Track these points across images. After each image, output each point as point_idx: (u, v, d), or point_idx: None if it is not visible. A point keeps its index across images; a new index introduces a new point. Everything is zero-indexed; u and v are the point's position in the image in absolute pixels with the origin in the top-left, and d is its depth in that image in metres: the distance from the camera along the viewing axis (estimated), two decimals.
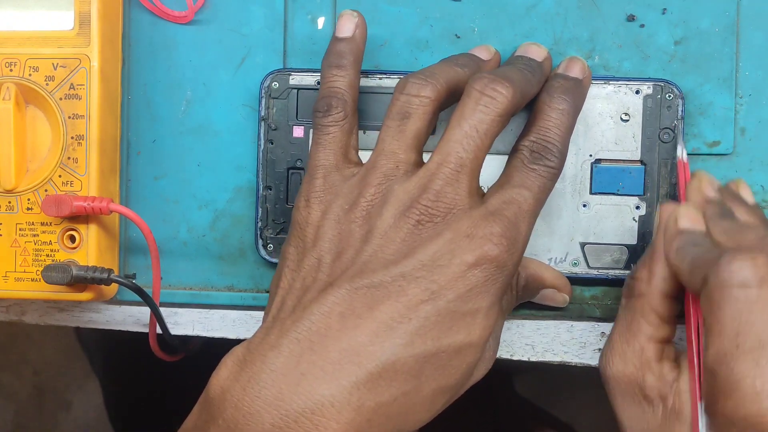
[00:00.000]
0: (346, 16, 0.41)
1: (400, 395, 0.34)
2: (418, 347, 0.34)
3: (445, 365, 0.35)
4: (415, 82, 0.38)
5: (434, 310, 0.34)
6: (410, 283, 0.35)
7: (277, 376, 0.34)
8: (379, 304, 0.34)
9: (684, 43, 0.43)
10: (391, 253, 0.35)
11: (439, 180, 0.36)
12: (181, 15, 0.45)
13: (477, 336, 0.35)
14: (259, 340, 0.35)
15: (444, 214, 0.36)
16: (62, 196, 0.41)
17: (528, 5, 0.43)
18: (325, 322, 0.34)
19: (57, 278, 0.40)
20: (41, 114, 0.43)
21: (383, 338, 0.34)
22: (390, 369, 0.34)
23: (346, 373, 0.33)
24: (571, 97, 0.38)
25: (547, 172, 0.37)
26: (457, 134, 0.36)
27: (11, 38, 0.42)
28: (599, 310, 0.44)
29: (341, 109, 0.39)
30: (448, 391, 0.36)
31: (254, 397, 0.34)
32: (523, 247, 0.36)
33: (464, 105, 0.36)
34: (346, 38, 0.40)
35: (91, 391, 1.09)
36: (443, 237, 0.35)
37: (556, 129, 0.37)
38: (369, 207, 0.37)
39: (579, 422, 0.94)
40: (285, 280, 0.38)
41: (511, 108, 0.36)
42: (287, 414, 0.33)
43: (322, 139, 0.39)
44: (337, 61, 0.40)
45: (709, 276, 0.33)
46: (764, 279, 0.32)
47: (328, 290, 0.35)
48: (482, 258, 0.35)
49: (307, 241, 0.38)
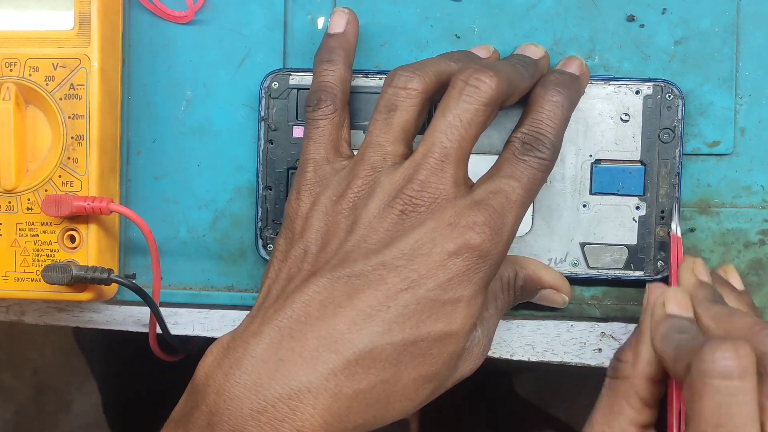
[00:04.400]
0: (338, 13, 0.42)
1: (379, 383, 0.34)
2: (396, 335, 0.34)
3: (424, 354, 0.35)
4: (403, 75, 0.38)
5: (413, 298, 0.35)
6: (390, 272, 0.35)
7: (257, 362, 0.34)
8: (358, 293, 0.35)
9: (684, 43, 0.43)
10: (373, 242, 0.36)
11: (424, 170, 0.36)
12: (181, 15, 0.45)
13: (458, 325, 0.35)
14: (243, 328, 0.36)
15: (428, 204, 0.36)
16: (62, 196, 0.41)
17: (528, 5, 0.43)
18: (306, 310, 0.35)
19: (57, 278, 0.41)
20: (41, 114, 0.43)
21: (361, 326, 0.34)
22: (367, 356, 0.34)
23: (324, 360, 0.34)
24: (566, 90, 0.38)
25: (538, 163, 0.37)
26: (441, 124, 0.36)
27: (11, 38, 0.42)
28: (599, 310, 0.44)
29: (330, 103, 0.40)
30: (430, 381, 0.36)
31: (235, 382, 0.34)
32: (508, 237, 0.36)
33: (449, 95, 0.37)
34: (337, 34, 0.41)
35: (91, 391, 1.09)
36: (426, 226, 0.35)
37: (549, 121, 0.37)
38: (356, 198, 0.37)
39: (579, 422, 0.93)
40: (273, 270, 0.38)
41: (496, 97, 0.36)
42: (265, 399, 0.34)
43: (312, 133, 0.40)
44: (328, 56, 0.41)
45: (692, 364, 0.32)
46: (746, 370, 0.31)
47: (310, 279, 0.36)
48: (463, 246, 0.35)
49: (296, 232, 0.38)
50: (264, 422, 0.33)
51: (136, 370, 0.80)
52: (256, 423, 0.33)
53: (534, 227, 0.43)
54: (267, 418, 0.33)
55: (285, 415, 0.33)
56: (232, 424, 0.34)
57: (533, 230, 0.43)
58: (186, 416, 0.35)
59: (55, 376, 1.12)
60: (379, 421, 0.36)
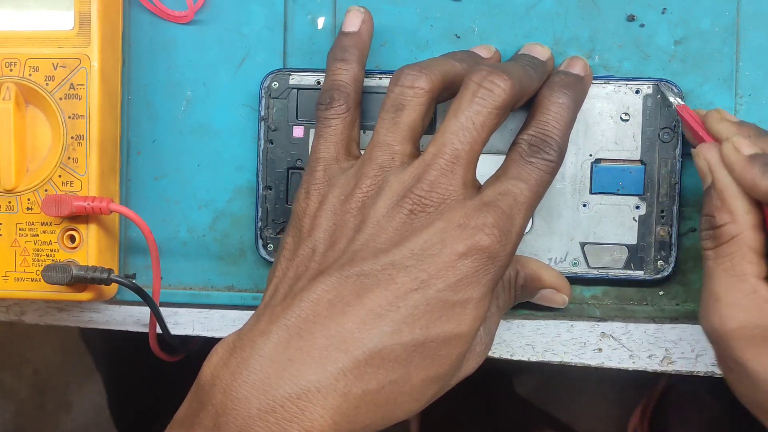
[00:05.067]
0: (353, 12, 0.42)
1: (388, 383, 0.34)
2: (405, 335, 0.34)
3: (433, 355, 0.35)
4: (410, 74, 0.38)
5: (423, 298, 0.34)
6: (399, 272, 0.35)
7: (265, 361, 0.34)
8: (368, 292, 0.35)
9: (684, 43, 0.43)
10: (382, 241, 0.36)
11: (434, 170, 0.36)
12: (181, 15, 0.45)
13: (467, 326, 0.35)
14: (249, 327, 0.36)
15: (437, 204, 0.36)
16: (62, 196, 0.41)
17: (528, 5, 0.43)
18: (314, 309, 0.35)
19: (57, 278, 0.40)
20: (41, 114, 0.43)
21: (371, 326, 0.34)
22: (377, 356, 0.34)
23: (333, 360, 0.34)
24: (572, 92, 0.38)
25: (545, 165, 0.37)
26: (453, 125, 0.36)
27: (11, 38, 0.42)
28: (599, 310, 0.44)
29: (343, 102, 0.40)
30: (437, 381, 0.36)
31: (242, 382, 0.34)
32: (516, 239, 0.36)
33: (462, 97, 0.37)
34: (352, 33, 0.41)
35: (91, 391, 1.09)
36: (435, 226, 0.35)
37: (555, 122, 0.37)
38: (364, 198, 0.37)
39: (579, 422, 0.94)
40: (280, 269, 0.38)
41: (509, 101, 0.36)
42: (274, 399, 0.33)
43: (323, 132, 0.40)
44: (342, 55, 0.41)
45: None
46: None
47: (318, 278, 0.35)
48: (473, 248, 0.35)
49: (303, 231, 0.38)
50: (272, 422, 0.33)
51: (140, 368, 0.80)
52: (264, 423, 0.33)
53: (534, 227, 0.43)
54: (275, 418, 0.33)
55: (294, 415, 0.33)
56: (240, 424, 0.33)
57: (533, 230, 0.43)
58: (190, 418, 0.35)
59: (55, 376, 1.12)
60: (386, 422, 0.35)
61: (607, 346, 0.44)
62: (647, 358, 0.43)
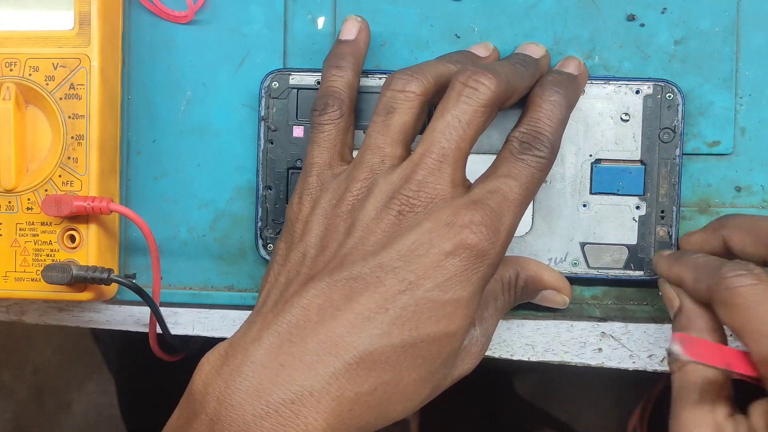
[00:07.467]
0: (350, 20, 0.42)
1: (380, 385, 0.34)
2: (395, 337, 0.34)
3: (424, 355, 0.35)
4: (401, 78, 0.38)
5: (411, 300, 0.34)
6: (387, 274, 0.35)
7: (257, 367, 0.34)
8: (357, 296, 0.35)
9: (684, 43, 0.43)
10: (371, 244, 0.36)
11: (422, 170, 0.36)
12: (181, 15, 0.45)
13: (456, 326, 0.35)
14: (241, 334, 0.36)
15: (426, 204, 0.36)
16: (62, 196, 0.41)
17: (528, 5, 0.43)
18: (305, 314, 0.35)
19: (57, 278, 0.41)
20: (41, 114, 0.43)
21: (360, 329, 0.34)
22: (368, 359, 0.34)
23: (324, 364, 0.34)
24: (564, 90, 0.38)
25: (537, 162, 0.36)
26: (439, 125, 0.36)
27: (11, 38, 0.42)
28: (599, 310, 0.44)
29: (337, 108, 0.40)
30: (429, 381, 0.36)
31: (236, 389, 0.34)
32: (506, 237, 0.36)
33: (448, 96, 0.37)
34: (348, 41, 0.42)
35: (91, 391, 1.09)
36: (423, 226, 0.35)
37: (547, 119, 0.37)
38: (354, 201, 0.37)
39: (579, 422, 0.94)
40: (272, 275, 0.38)
41: (496, 99, 0.36)
42: (268, 404, 0.33)
43: (317, 137, 0.40)
44: (337, 62, 0.41)
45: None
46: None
47: (308, 283, 0.36)
48: (460, 246, 0.35)
49: (295, 236, 0.38)
50: (267, 428, 0.33)
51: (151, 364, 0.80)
52: (260, 429, 0.33)
53: (534, 227, 0.43)
54: (270, 424, 0.33)
55: (288, 420, 0.33)
56: (235, 431, 0.33)
57: (533, 230, 0.43)
58: (183, 427, 0.35)
59: (55, 376, 1.12)
60: (381, 423, 0.35)
61: (607, 346, 0.44)
62: (647, 358, 0.43)
